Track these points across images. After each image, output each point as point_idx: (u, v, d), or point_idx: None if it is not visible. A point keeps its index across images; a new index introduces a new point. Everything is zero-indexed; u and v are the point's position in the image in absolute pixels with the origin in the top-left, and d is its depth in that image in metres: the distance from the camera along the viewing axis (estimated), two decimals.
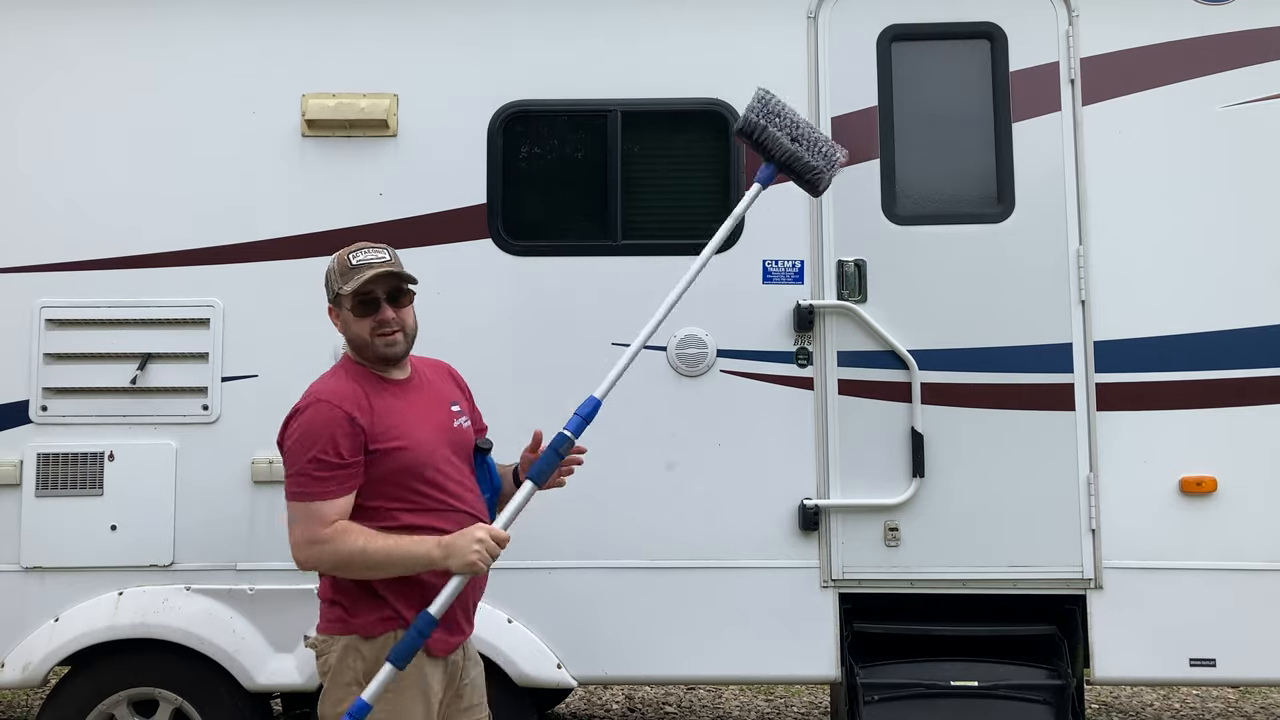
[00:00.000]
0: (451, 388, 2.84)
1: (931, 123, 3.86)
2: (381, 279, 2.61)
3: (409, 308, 2.69)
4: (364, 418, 2.54)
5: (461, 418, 2.75)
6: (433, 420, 2.68)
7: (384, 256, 2.65)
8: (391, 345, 2.63)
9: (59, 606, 3.69)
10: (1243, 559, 3.66)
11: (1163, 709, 5.97)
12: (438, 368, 2.86)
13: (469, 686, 2.74)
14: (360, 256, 2.64)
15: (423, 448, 2.59)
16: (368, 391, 2.61)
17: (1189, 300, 3.73)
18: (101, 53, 3.90)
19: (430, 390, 2.75)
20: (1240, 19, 3.81)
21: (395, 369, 2.70)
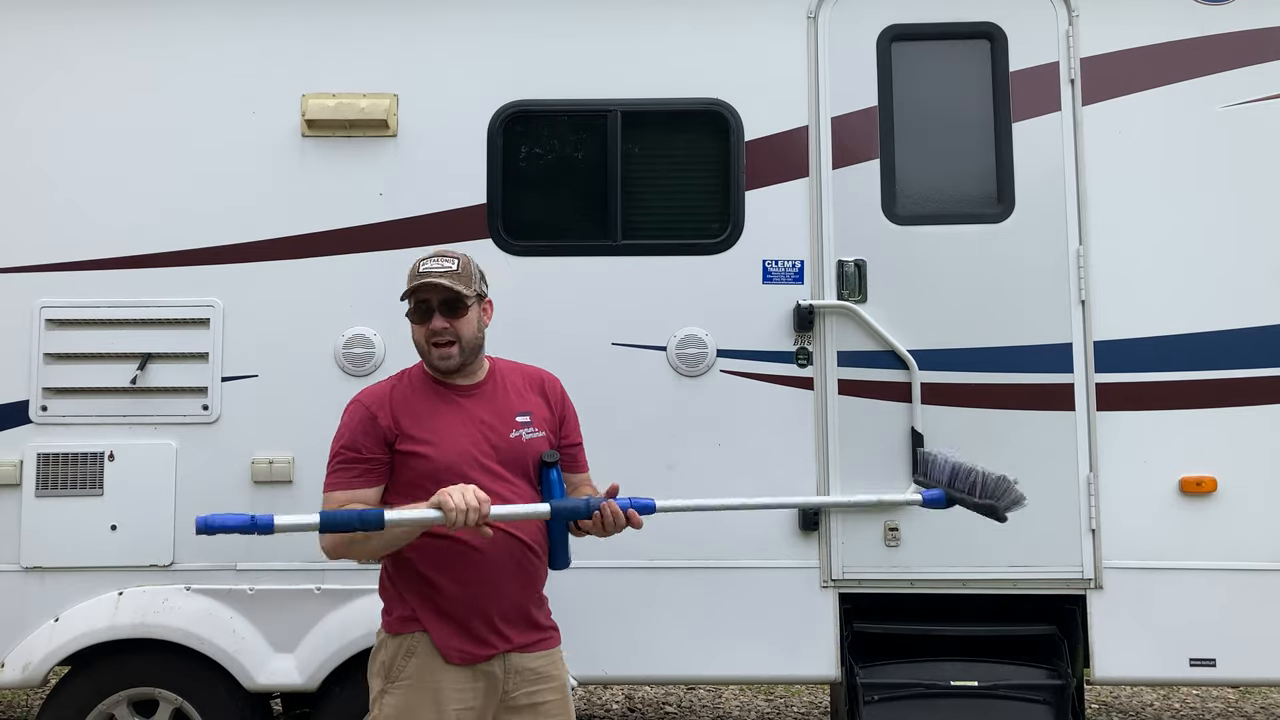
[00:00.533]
0: (529, 399, 2.78)
1: (931, 123, 3.86)
2: (438, 288, 2.62)
3: (467, 318, 2.66)
4: (388, 418, 2.61)
5: (526, 429, 2.70)
6: (478, 429, 2.65)
7: (448, 267, 2.65)
8: (445, 358, 2.65)
9: (59, 606, 3.69)
10: (1243, 559, 3.66)
11: (1163, 709, 5.97)
12: (530, 378, 2.83)
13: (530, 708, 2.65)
14: (426, 264, 2.66)
15: (450, 455, 2.58)
16: (413, 394, 2.66)
17: (1189, 300, 3.73)
18: (101, 53, 3.90)
19: (496, 399, 2.72)
20: (1240, 19, 3.81)
21: (459, 375, 2.70)
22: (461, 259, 2.69)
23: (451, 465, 2.57)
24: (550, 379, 2.87)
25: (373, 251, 3.82)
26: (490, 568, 2.59)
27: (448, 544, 2.57)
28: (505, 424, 2.68)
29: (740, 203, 3.83)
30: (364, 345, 3.78)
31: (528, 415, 2.72)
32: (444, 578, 2.58)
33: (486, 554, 2.57)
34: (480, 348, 2.72)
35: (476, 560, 2.57)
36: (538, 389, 2.82)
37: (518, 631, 2.64)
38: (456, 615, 2.59)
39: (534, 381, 2.83)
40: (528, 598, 2.67)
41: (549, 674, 2.68)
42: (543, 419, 2.76)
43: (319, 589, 3.70)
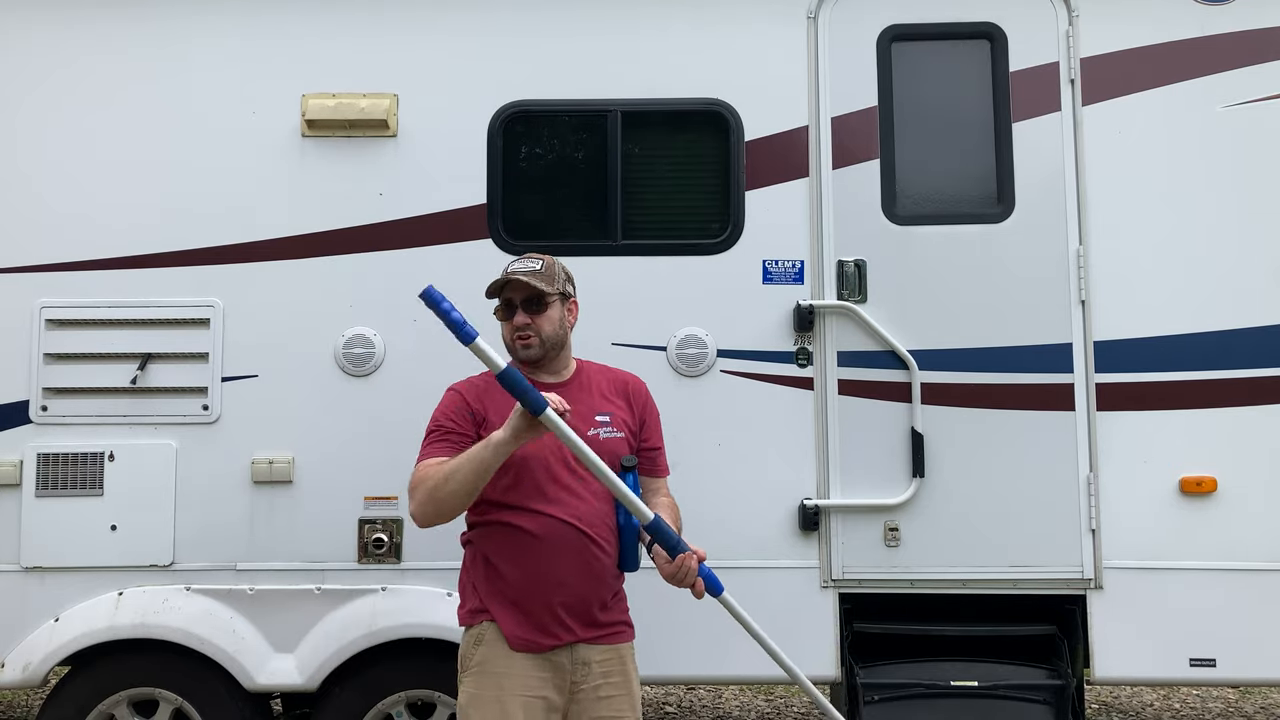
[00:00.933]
0: (612, 401, 2.88)
1: (931, 123, 3.86)
2: (522, 287, 2.77)
3: (549, 315, 2.81)
4: (479, 404, 2.76)
5: (604, 429, 2.80)
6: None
7: (532, 266, 2.81)
8: (526, 349, 2.79)
9: (59, 606, 3.69)
10: (1243, 559, 3.66)
11: (1163, 709, 5.97)
12: (615, 381, 2.94)
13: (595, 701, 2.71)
14: (513, 266, 2.83)
15: (530, 446, 2.65)
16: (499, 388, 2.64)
17: (1189, 300, 3.73)
18: (101, 52, 3.90)
19: (579, 399, 2.80)
20: (1240, 19, 3.81)
21: (545, 372, 2.84)
22: (546, 260, 2.86)
23: (532, 455, 2.68)
24: (635, 382, 2.98)
25: (373, 251, 3.82)
26: (551, 556, 2.66)
27: (511, 532, 2.69)
28: (585, 422, 2.75)
29: (740, 203, 3.83)
30: (364, 345, 3.78)
31: (608, 416, 2.82)
32: (508, 565, 2.69)
33: (547, 542, 2.66)
34: (563, 344, 2.85)
35: (538, 549, 2.66)
36: (621, 392, 2.92)
37: (582, 624, 2.71)
38: (521, 603, 2.68)
39: (619, 384, 2.94)
40: (592, 591, 2.72)
41: (613, 668, 2.75)
42: (622, 420, 2.85)
43: (319, 589, 3.70)
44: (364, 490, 3.73)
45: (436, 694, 3.68)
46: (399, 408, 3.74)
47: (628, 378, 2.98)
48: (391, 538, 3.71)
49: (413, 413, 3.70)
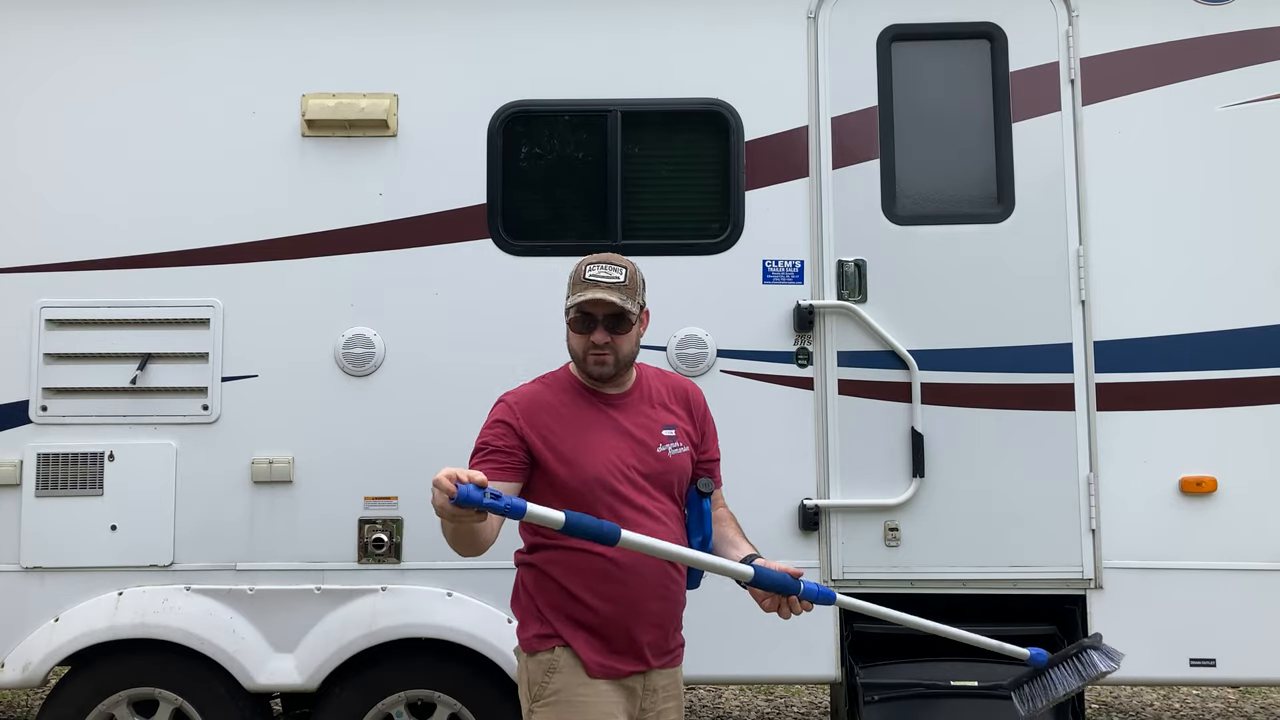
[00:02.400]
0: (674, 410, 2.74)
1: (931, 123, 3.86)
2: (602, 304, 2.57)
3: (630, 335, 2.63)
4: (525, 419, 2.58)
5: (671, 444, 2.66)
6: (625, 441, 2.62)
7: (616, 278, 2.59)
8: (600, 366, 2.61)
9: (59, 606, 3.69)
10: (1243, 559, 3.66)
11: (1163, 709, 5.98)
12: (673, 388, 2.79)
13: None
14: (594, 272, 2.60)
15: (588, 467, 2.55)
16: (557, 399, 2.63)
17: (1189, 300, 3.73)
18: (101, 52, 3.90)
19: (643, 410, 2.68)
20: (1240, 19, 3.81)
21: (608, 383, 2.68)
22: (629, 268, 2.63)
23: (598, 478, 2.55)
24: (694, 389, 2.82)
25: (373, 251, 3.82)
26: (636, 586, 2.56)
27: (592, 559, 2.53)
28: (653, 437, 2.64)
29: (740, 203, 3.83)
30: (364, 345, 3.78)
31: (673, 429, 2.68)
32: (589, 594, 2.55)
33: (633, 572, 2.54)
34: (634, 361, 2.70)
35: (623, 578, 2.54)
36: (681, 400, 2.77)
37: (658, 651, 2.63)
38: (600, 630, 2.56)
39: (677, 391, 2.78)
40: (668, 617, 2.64)
41: (673, 691, 2.70)
42: (685, 432, 2.72)
43: (319, 589, 3.70)
44: (364, 490, 3.73)
45: (436, 694, 3.68)
46: (399, 408, 3.75)
47: (686, 384, 2.82)
48: (391, 538, 3.71)
49: (413, 413, 3.75)
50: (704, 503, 2.64)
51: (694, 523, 2.67)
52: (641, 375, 2.75)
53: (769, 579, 2.44)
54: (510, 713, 3.66)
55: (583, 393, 2.67)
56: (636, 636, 2.57)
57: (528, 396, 2.64)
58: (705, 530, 2.65)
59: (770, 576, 2.45)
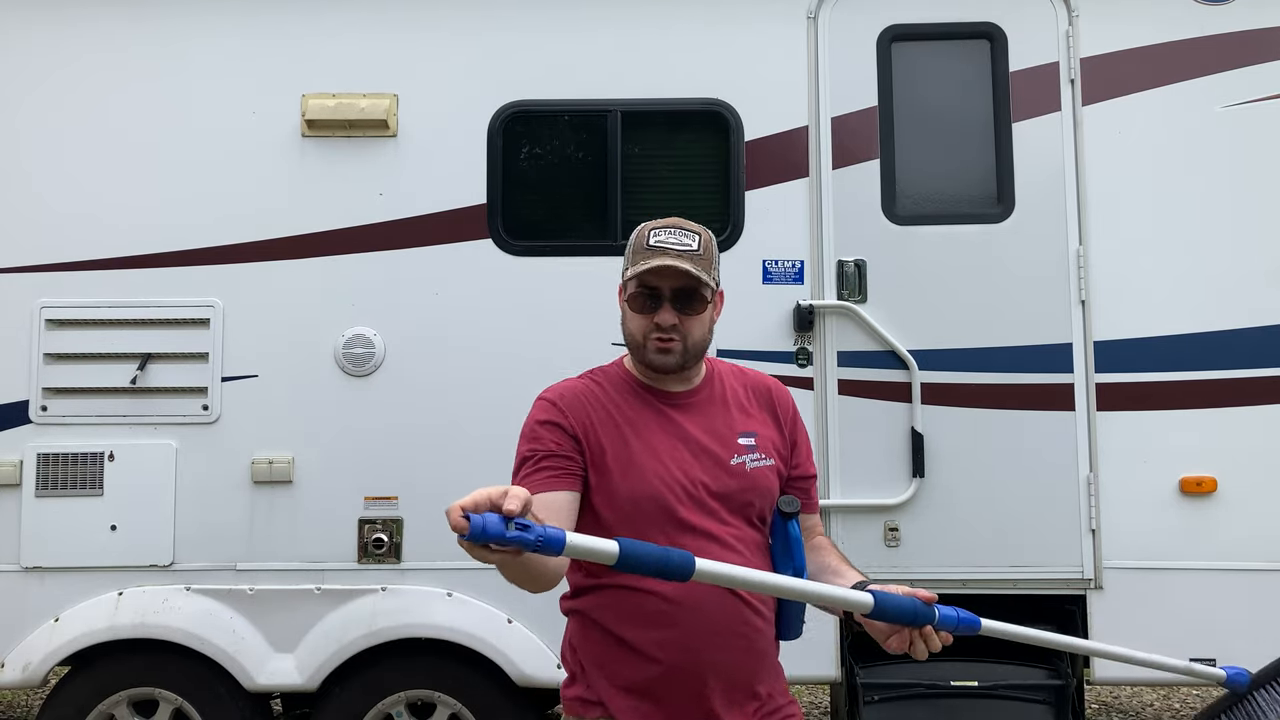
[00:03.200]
0: (754, 415, 2.18)
1: (931, 123, 3.86)
2: (672, 273, 2.03)
3: (702, 316, 2.08)
4: (573, 417, 2.06)
5: (751, 454, 2.10)
6: (689, 451, 2.07)
7: (689, 245, 2.05)
8: (664, 354, 2.06)
9: (59, 606, 3.69)
10: (1243, 559, 3.66)
11: (1163, 709, 5.97)
12: (754, 387, 2.23)
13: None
14: (660, 236, 2.06)
15: (641, 484, 2.01)
16: (606, 397, 2.11)
17: (1189, 300, 3.73)
18: (101, 52, 3.90)
19: (714, 412, 2.14)
20: (1240, 19, 3.81)
21: (673, 379, 2.13)
22: (703, 235, 2.09)
23: (653, 497, 2.00)
24: (780, 390, 2.26)
25: (373, 251, 3.82)
26: (698, 629, 1.97)
27: (640, 598, 1.97)
28: (725, 446, 2.09)
29: (740, 203, 3.83)
30: (364, 345, 3.78)
31: (752, 436, 2.13)
32: (639, 642, 1.98)
33: (695, 611, 1.96)
34: (703, 354, 2.14)
35: (680, 619, 1.96)
36: (764, 402, 2.22)
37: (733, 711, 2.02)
38: (655, 693, 1.99)
39: (759, 391, 2.23)
40: (748, 671, 2.04)
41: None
42: (770, 442, 2.15)
43: (319, 589, 3.70)
44: (364, 490, 3.73)
45: (436, 694, 3.68)
46: (399, 408, 3.75)
47: (769, 382, 2.26)
48: (391, 538, 3.71)
49: (413, 413, 3.75)
50: (789, 526, 2.07)
51: (779, 552, 2.08)
52: (714, 371, 2.21)
53: (895, 607, 1.86)
54: (510, 713, 3.67)
55: (639, 391, 2.13)
56: (707, 697, 1.99)
57: (571, 392, 2.11)
58: (795, 561, 2.06)
59: (896, 604, 1.86)
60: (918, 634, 1.88)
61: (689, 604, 1.96)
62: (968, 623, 1.92)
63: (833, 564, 2.15)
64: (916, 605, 1.86)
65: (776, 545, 2.10)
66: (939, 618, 1.89)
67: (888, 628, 1.90)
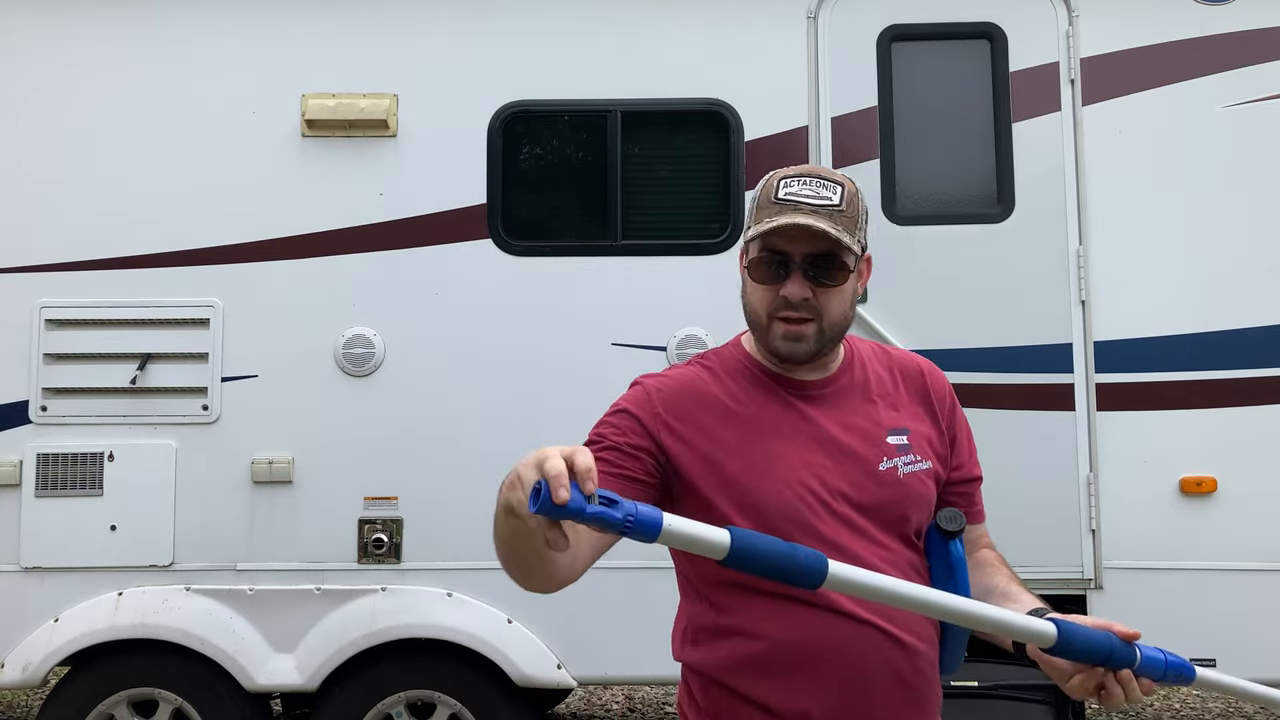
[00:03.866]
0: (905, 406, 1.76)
1: (931, 123, 3.86)
2: (804, 234, 1.61)
3: (843, 290, 1.65)
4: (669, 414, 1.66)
5: (904, 457, 1.68)
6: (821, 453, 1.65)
7: (829, 200, 1.62)
8: (794, 340, 1.65)
9: (59, 607, 3.69)
10: (1243, 559, 3.66)
11: (1163, 709, 5.97)
12: (904, 369, 1.81)
13: None
14: (792, 188, 1.64)
15: (769, 493, 1.60)
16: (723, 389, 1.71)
17: (1189, 300, 3.73)
18: (102, 53, 3.90)
19: (853, 405, 1.72)
20: (1240, 19, 3.81)
21: (804, 365, 1.71)
22: (847, 186, 1.66)
23: (784, 509, 1.59)
24: (934, 373, 1.83)
25: (373, 251, 3.82)
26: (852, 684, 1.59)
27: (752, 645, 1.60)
28: (873, 447, 1.68)
29: (740, 203, 3.82)
30: (364, 345, 3.78)
31: (904, 434, 1.71)
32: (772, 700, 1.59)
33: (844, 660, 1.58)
34: (841, 337, 1.72)
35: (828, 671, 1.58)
36: (916, 388, 1.79)
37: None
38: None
39: (910, 376, 1.80)
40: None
41: None
42: (926, 440, 1.74)
43: (319, 589, 3.70)
44: (364, 490, 3.73)
45: (436, 694, 3.68)
46: (399, 408, 3.75)
47: (922, 365, 1.82)
48: (391, 538, 3.70)
49: (413, 413, 3.74)
50: (951, 547, 1.65)
51: (939, 575, 1.67)
52: (854, 353, 1.78)
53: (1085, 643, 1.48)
54: (510, 713, 3.67)
55: (762, 379, 1.73)
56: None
57: (677, 382, 1.72)
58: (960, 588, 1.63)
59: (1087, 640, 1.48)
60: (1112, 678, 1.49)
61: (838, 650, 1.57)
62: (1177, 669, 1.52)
63: (1001, 585, 1.73)
64: (1113, 643, 1.48)
65: (935, 568, 1.69)
66: (1141, 661, 1.50)
67: (1072, 666, 1.50)
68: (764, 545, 1.34)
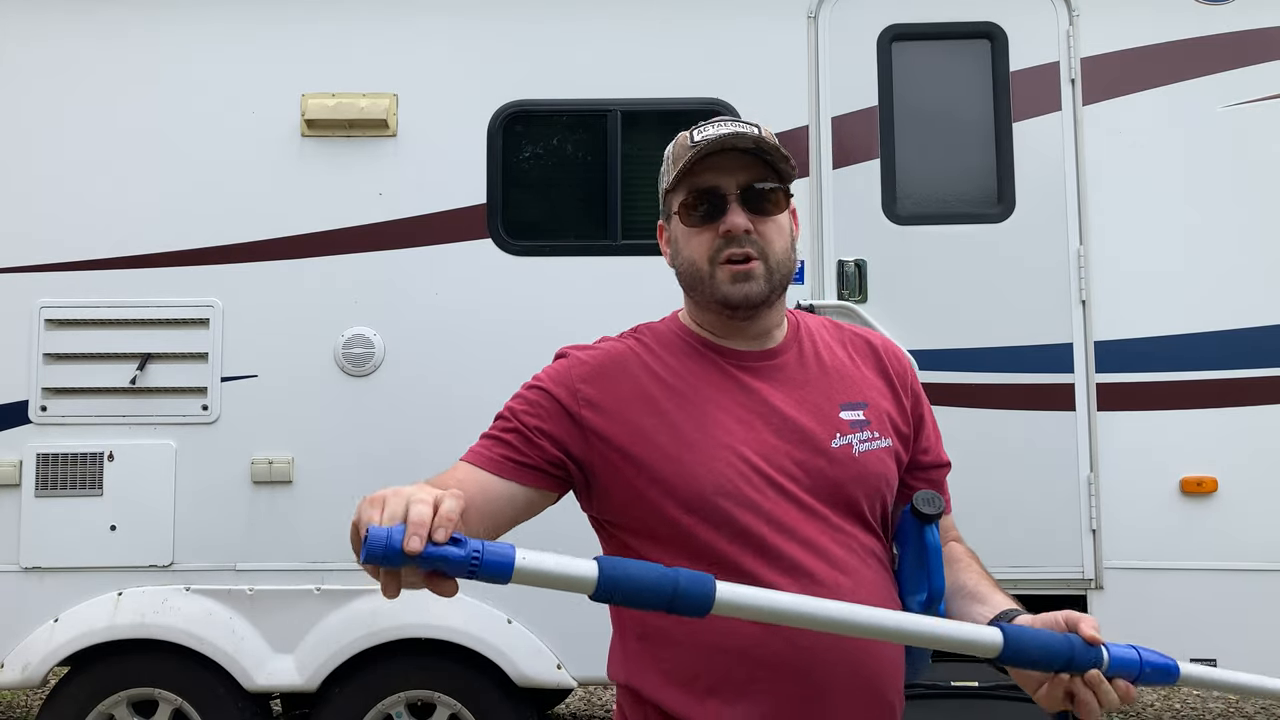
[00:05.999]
0: (863, 378, 1.63)
1: (931, 123, 3.86)
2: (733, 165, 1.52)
3: (780, 221, 1.56)
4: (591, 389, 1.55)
5: (860, 433, 1.55)
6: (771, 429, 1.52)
7: (749, 130, 1.53)
8: (744, 279, 1.52)
9: (59, 607, 3.69)
10: (1243, 559, 3.66)
11: (1163, 709, 5.97)
12: (856, 343, 1.68)
13: None
14: (707, 130, 1.55)
15: (704, 472, 1.46)
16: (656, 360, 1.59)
17: (1189, 300, 3.73)
18: (102, 52, 3.90)
19: (804, 378, 1.58)
20: (1240, 19, 3.81)
21: (743, 333, 1.59)
22: (761, 125, 1.58)
23: (723, 488, 1.46)
24: (889, 346, 1.71)
25: (372, 251, 3.82)
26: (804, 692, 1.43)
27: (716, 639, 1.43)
28: (823, 422, 1.54)
29: None
30: (364, 345, 3.78)
31: (860, 409, 1.57)
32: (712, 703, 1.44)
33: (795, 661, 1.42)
34: (789, 281, 1.59)
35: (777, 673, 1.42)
36: (871, 360, 1.66)
37: None
38: None
39: (863, 350, 1.67)
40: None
41: None
42: (885, 416, 1.61)
43: (319, 589, 3.70)
44: (364, 490, 3.69)
45: (436, 694, 3.68)
46: (399, 408, 3.75)
47: (874, 338, 1.71)
48: None
49: (413, 413, 3.74)
50: (927, 532, 1.51)
51: (910, 568, 1.54)
52: (800, 325, 1.66)
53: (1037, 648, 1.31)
54: (510, 713, 3.67)
55: (700, 350, 1.60)
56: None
57: (604, 354, 1.61)
58: (933, 580, 1.51)
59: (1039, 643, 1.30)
60: (1080, 683, 1.31)
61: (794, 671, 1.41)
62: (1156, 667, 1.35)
63: (970, 584, 1.59)
64: (1074, 645, 1.30)
65: (906, 555, 1.55)
66: (1111, 661, 1.32)
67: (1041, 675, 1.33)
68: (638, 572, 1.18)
